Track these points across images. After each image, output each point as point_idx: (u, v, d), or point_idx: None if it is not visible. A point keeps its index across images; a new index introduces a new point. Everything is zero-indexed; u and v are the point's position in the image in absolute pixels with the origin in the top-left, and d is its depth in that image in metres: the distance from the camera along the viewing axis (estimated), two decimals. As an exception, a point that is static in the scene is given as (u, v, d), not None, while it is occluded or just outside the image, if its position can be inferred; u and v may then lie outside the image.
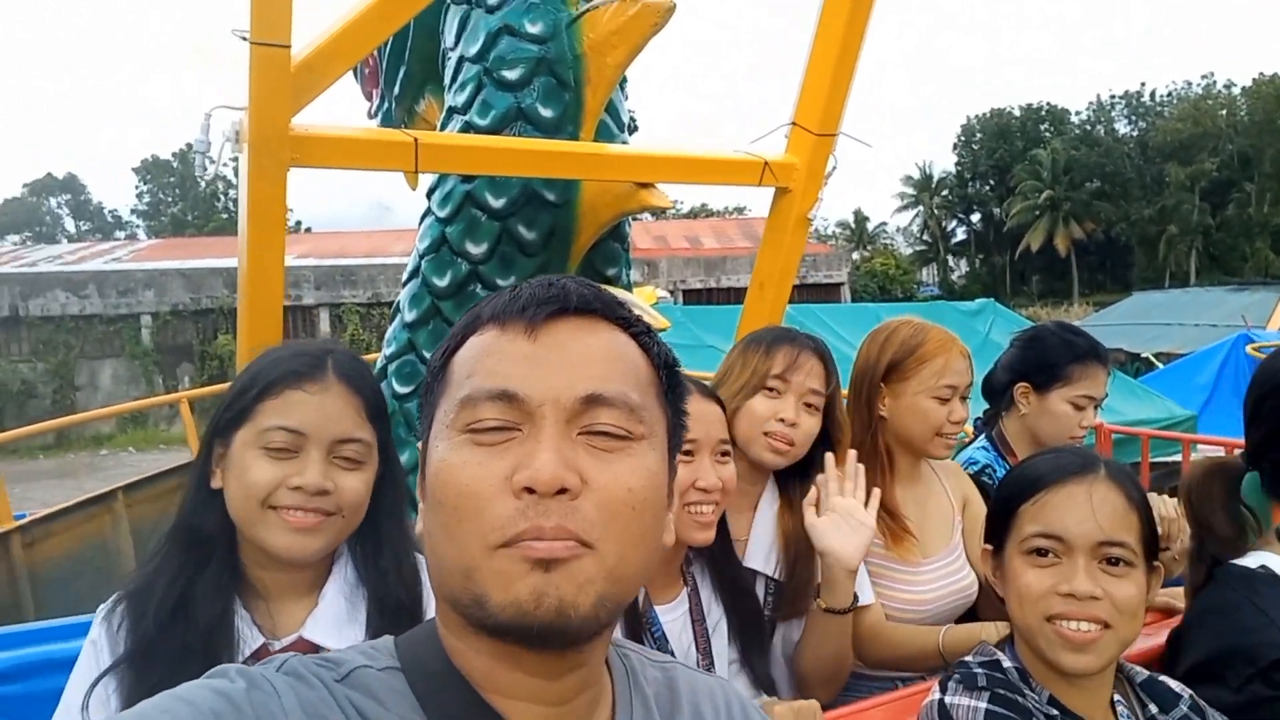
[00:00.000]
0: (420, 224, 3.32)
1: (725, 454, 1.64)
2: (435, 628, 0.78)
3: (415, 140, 2.37)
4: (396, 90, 3.62)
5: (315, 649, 1.26)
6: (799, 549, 1.82)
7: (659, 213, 3.17)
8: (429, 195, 3.23)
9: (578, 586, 0.69)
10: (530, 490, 0.69)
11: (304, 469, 1.25)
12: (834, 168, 3.00)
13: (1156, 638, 1.62)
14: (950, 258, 64.00)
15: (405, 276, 3.35)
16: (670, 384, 0.81)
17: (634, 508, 0.72)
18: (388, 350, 3.33)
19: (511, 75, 2.95)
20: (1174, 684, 1.33)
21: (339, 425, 1.28)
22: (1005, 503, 1.34)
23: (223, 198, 60.80)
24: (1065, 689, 1.25)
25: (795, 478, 1.89)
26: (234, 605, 1.27)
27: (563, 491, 0.69)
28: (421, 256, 3.23)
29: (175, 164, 60.40)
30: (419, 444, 0.81)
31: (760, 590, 1.84)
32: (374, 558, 1.34)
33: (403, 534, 1.38)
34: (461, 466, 0.71)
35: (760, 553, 1.87)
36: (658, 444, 0.77)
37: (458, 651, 0.75)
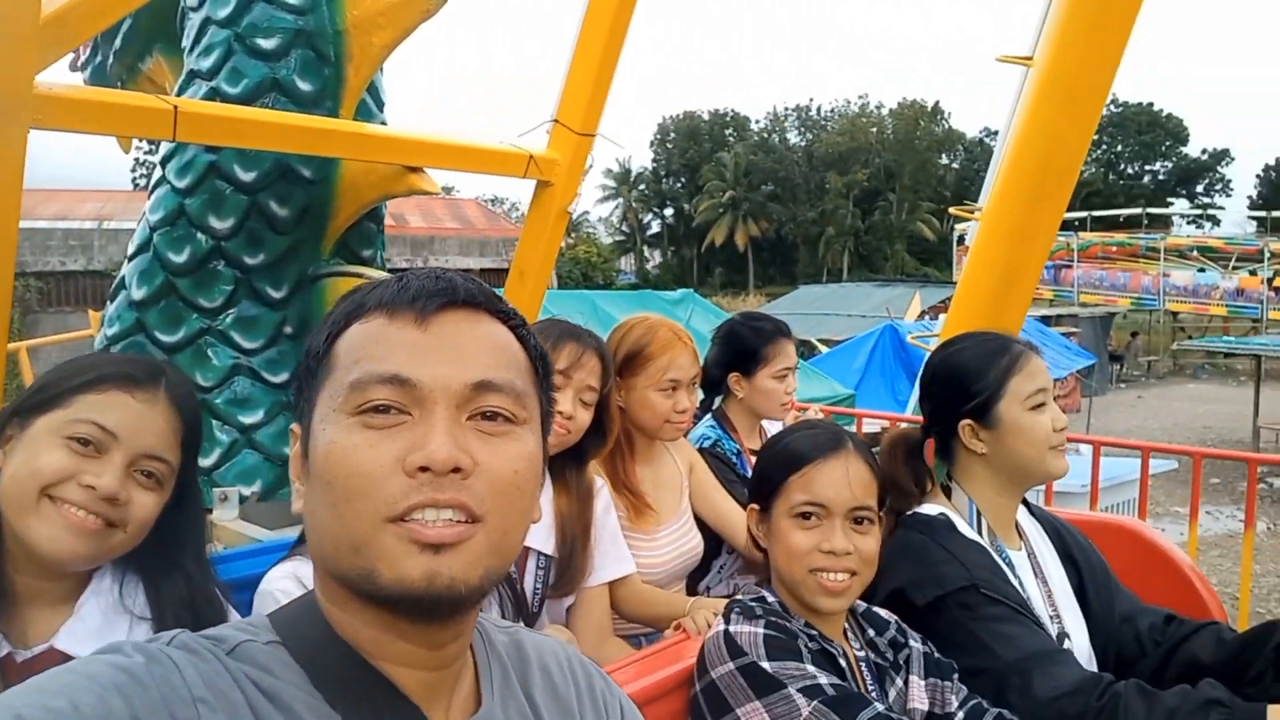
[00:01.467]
0: (151, 192, 3.06)
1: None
2: (314, 601, 0.81)
3: (175, 108, 2.22)
4: (118, 44, 3.29)
5: (67, 660, 1.15)
6: (573, 530, 1.98)
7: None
8: (163, 163, 2.99)
9: (467, 564, 0.73)
10: (424, 470, 0.72)
11: (102, 471, 1.19)
12: (590, 165, 3.20)
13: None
14: (646, 249, 67.44)
15: (132, 250, 3.07)
16: (544, 373, 0.87)
17: (519, 487, 0.77)
18: (109, 330, 3.04)
19: (267, 44, 2.83)
20: (883, 612, 1.64)
21: (153, 440, 1.23)
22: (772, 473, 1.58)
23: None
24: (815, 619, 1.53)
25: (570, 462, 2.03)
26: None
27: (455, 471, 0.73)
28: (153, 229, 2.99)
29: None
30: (293, 426, 0.83)
31: (533, 566, 1.95)
32: (165, 588, 1.28)
33: (204, 566, 1.34)
34: (353, 449, 0.73)
35: (539, 532, 1.98)
36: (535, 429, 0.82)
37: (342, 623, 0.77)
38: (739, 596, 1.57)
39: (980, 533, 1.76)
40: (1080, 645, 1.74)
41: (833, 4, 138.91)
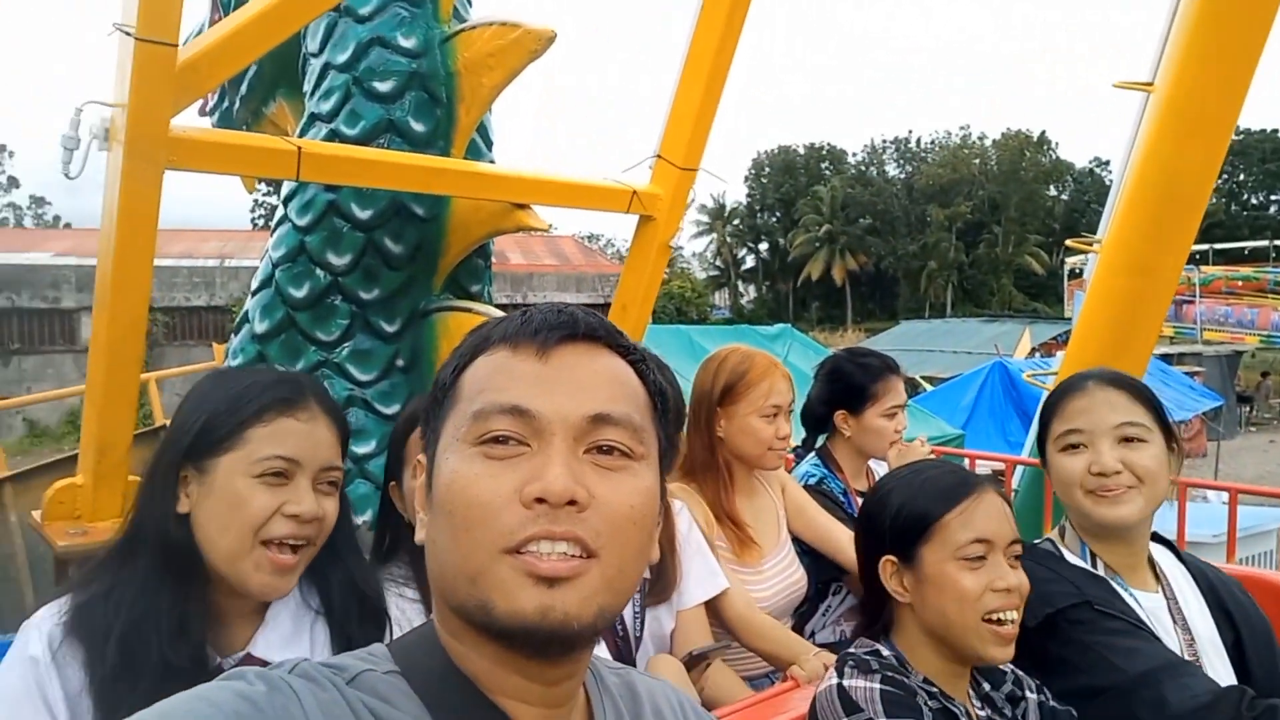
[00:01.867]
0: (274, 230, 3.19)
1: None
2: (433, 632, 0.81)
3: (299, 149, 2.32)
4: (244, 90, 3.46)
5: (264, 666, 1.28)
6: (664, 544, 1.96)
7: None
8: (285, 202, 3.11)
9: (581, 600, 0.72)
10: (541, 501, 0.72)
11: (299, 497, 1.26)
12: (693, 200, 3.20)
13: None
14: (740, 283, 67.34)
15: (255, 285, 3.20)
16: (662, 409, 0.86)
17: (635, 523, 0.77)
18: (233, 362, 3.17)
19: (383, 87, 2.93)
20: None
21: (326, 453, 1.30)
22: (918, 516, 1.47)
23: (-40, 183, 53.80)
24: (937, 674, 1.45)
25: None
26: (192, 621, 1.25)
27: (571, 504, 0.73)
28: (275, 265, 3.11)
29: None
30: (419, 457, 0.84)
31: None
32: (334, 577, 1.36)
33: (357, 551, 1.42)
34: (475, 478, 0.74)
35: None
36: (653, 465, 0.81)
37: (460, 654, 0.78)
38: (853, 650, 1.50)
39: (1094, 567, 1.68)
40: None
41: (931, 37, 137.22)
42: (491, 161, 3.20)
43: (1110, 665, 1.49)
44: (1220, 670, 1.62)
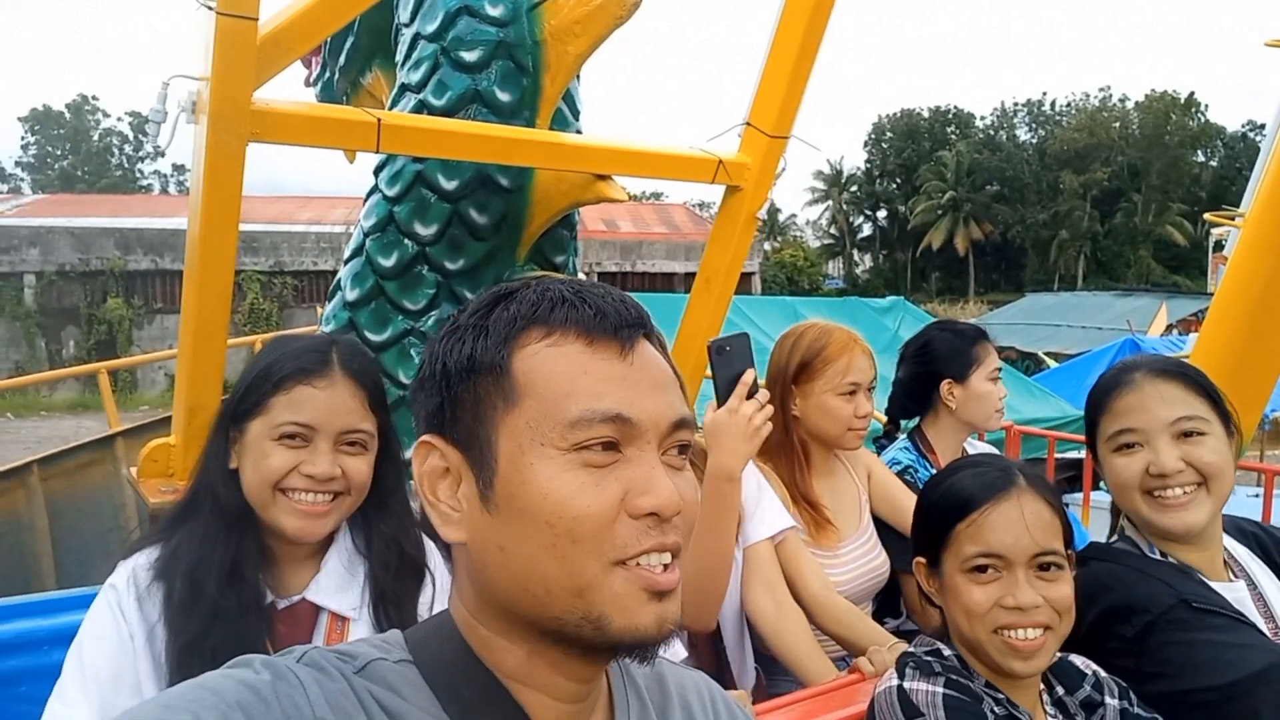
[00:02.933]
0: (365, 201, 3.25)
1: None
2: (450, 624, 0.79)
3: (379, 120, 2.33)
4: (342, 61, 3.53)
5: (316, 608, 1.41)
6: None
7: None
8: (376, 173, 3.16)
9: (679, 605, 0.74)
10: (652, 514, 0.72)
11: (315, 459, 1.36)
12: (783, 169, 3.08)
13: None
14: (855, 252, 65.70)
15: (347, 254, 3.28)
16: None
17: (691, 522, 0.77)
18: (326, 329, 3.26)
19: (470, 57, 2.92)
20: (1078, 661, 1.44)
21: (345, 419, 1.38)
22: (938, 521, 1.41)
23: (116, 153, 57.65)
24: (1003, 681, 1.35)
25: None
26: (247, 565, 1.39)
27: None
28: (366, 235, 3.17)
29: (67, 115, 56.84)
30: (427, 438, 0.77)
31: None
32: (378, 526, 1.46)
33: (406, 507, 1.50)
34: (580, 489, 0.71)
35: None
36: None
37: (485, 645, 0.77)
38: (913, 649, 1.42)
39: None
40: None
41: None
42: (579, 131, 3.17)
43: (1221, 665, 1.37)
44: None
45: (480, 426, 0.74)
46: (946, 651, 1.39)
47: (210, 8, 1.97)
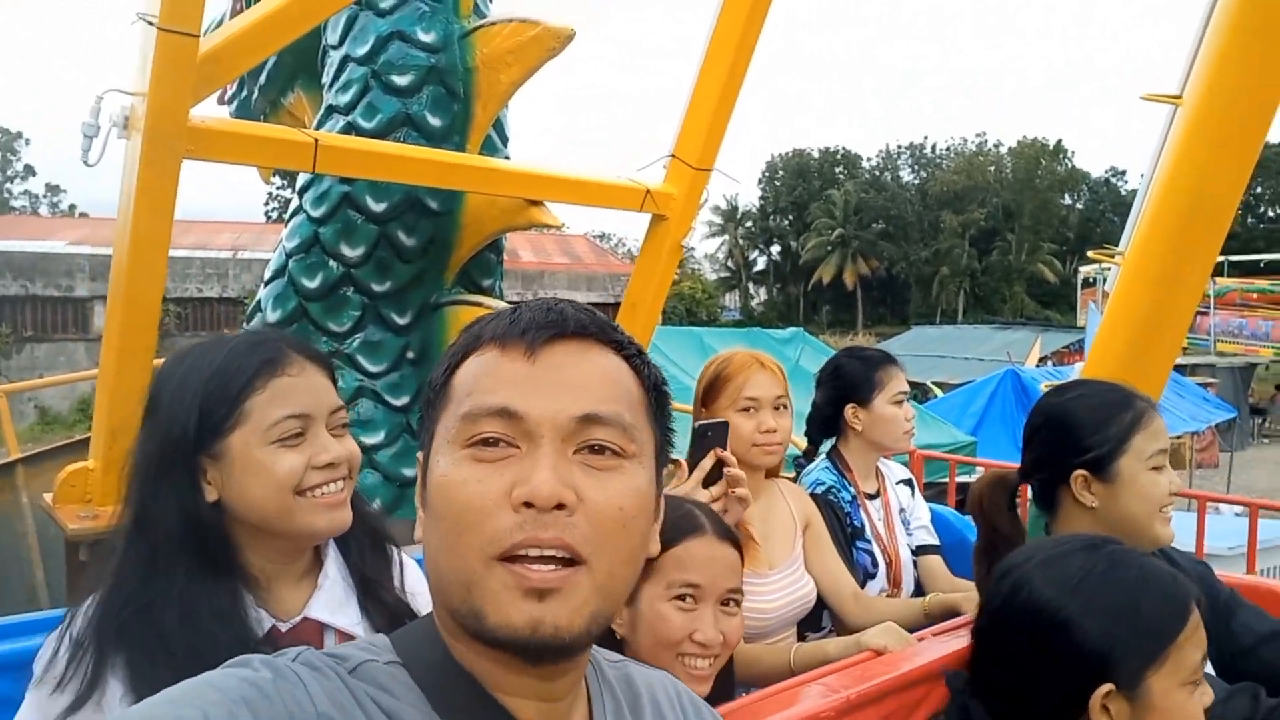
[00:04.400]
0: (288, 221, 3.21)
1: (731, 603, 1.56)
2: (433, 627, 0.81)
3: (315, 141, 2.33)
4: (263, 80, 3.48)
5: (320, 628, 1.32)
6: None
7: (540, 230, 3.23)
8: (301, 193, 3.13)
9: (572, 610, 0.72)
10: (529, 505, 0.72)
11: (324, 445, 1.27)
12: (706, 199, 3.20)
13: (961, 638, 1.73)
14: (751, 285, 67.25)
15: (268, 275, 3.22)
16: (659, 404, 0.85)
17: (624, 525, 0.76)
18: (245, 352, 3.19)
19: (401, 81, 2.94)
20: None
21: (329, 397, 1.31)
22: (1147, 640, 1.27)
23: (-17, 173, 54.14)
24: None
25: None
26: (243, 596, 1.28)
27: (560, 507, 0.72)
28: (289, 255, 3.13)
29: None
30: (419, 454, 0.83)
31: None
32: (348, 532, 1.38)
33: (360, 499, 1.42)
34: (463, 483, 0.74)
35: None
36: (647, 463, 0.81)
37: (460, 652, 0.78)
38: None
39: None
40: None
41: (945, 42, 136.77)
42: (507, 158, 3.22)
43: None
44: None
45: (429, 440, 0.80)
46: None
47: (151, 23, 1.95)
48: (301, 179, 3.11)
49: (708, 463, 1.76)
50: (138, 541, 1.25)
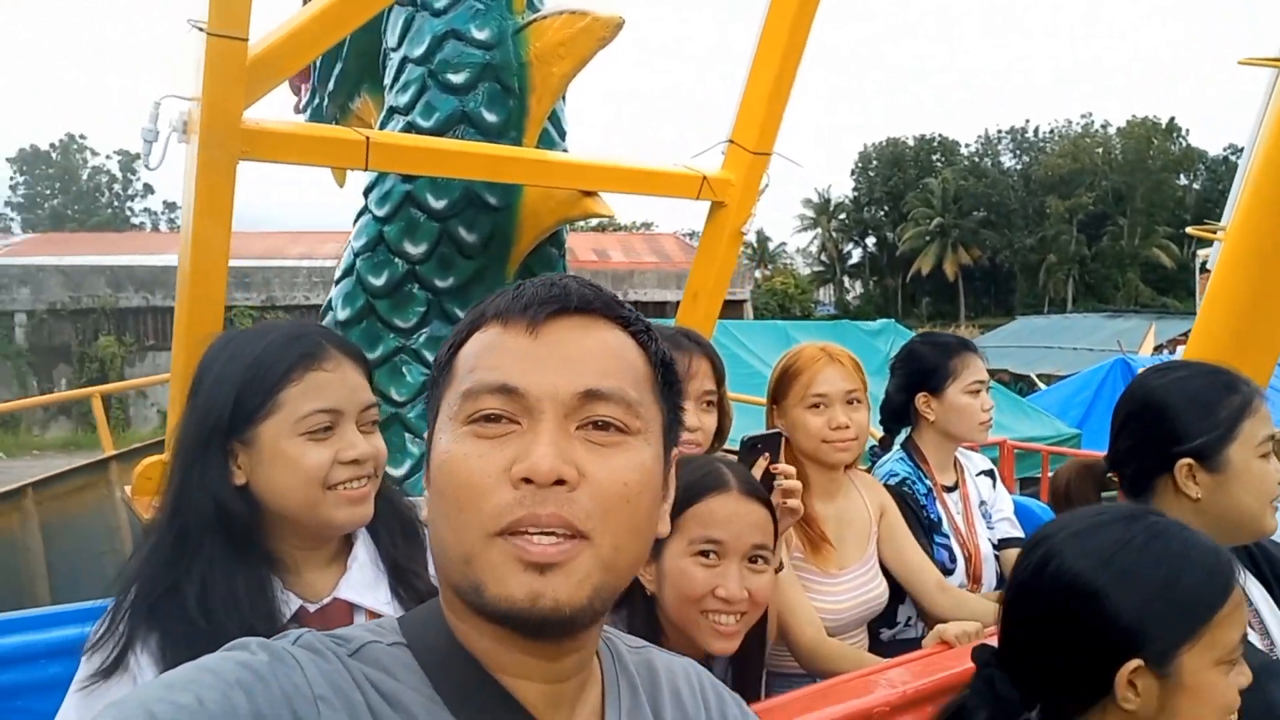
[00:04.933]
0: (355, 222, 3.29)
1: (758, 560, 1.54)
2: (439, 608, 0.81)
3: (367, 139, 2.38)
4: (331, 86, 3.58)
5: (350, 608, 1.33)
6: None
7: (596, 221, 3.26)
8: (366, 194, 3.21)
9: (575, 584, 0.72)
10: (528, 481, 0.71)
11: (351, 443, 1.29)
12: (767, 185, 3.14)
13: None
14: (846, 279, 66.06)
15: (338, 274, 3.31)
16: (666, 381, 0.83)
17: (629, 500, 0.75)
18: (318, 351, 3.29)
19: (457, 79, 2.98)
20: None
21: (362, 395, 1.33)
22: (1184, 616, 1.20)
23: (106, 191, 57.85)
24: None
25: None
26: (271, 581, 1.30)
27: (560, 484, 0.71)
28: (357, 255, 3.21)
29: (55, 154, 57.10)
30: (426, 435, 0.83)
31: None
32: (379, 505, 1.39)
33: (388, 481, 1.44)
34: (464, 458, 0.73)
35: None
36: (653, 439, 0.79)
37: (462, 632, 0.78)
38: None
39: None
40: None
41: (1050, 21, 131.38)
42: (565, 150, 3.23)
43: None
44: None
45: (433, 418, 0.80)
46: None
47: (201, 29, 2.02)
48: (366, 180, 3.18)
49: (756, 472, 1.72)
50: (171, 522, 1.29)
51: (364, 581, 1.35)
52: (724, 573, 1.49)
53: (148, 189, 58.61)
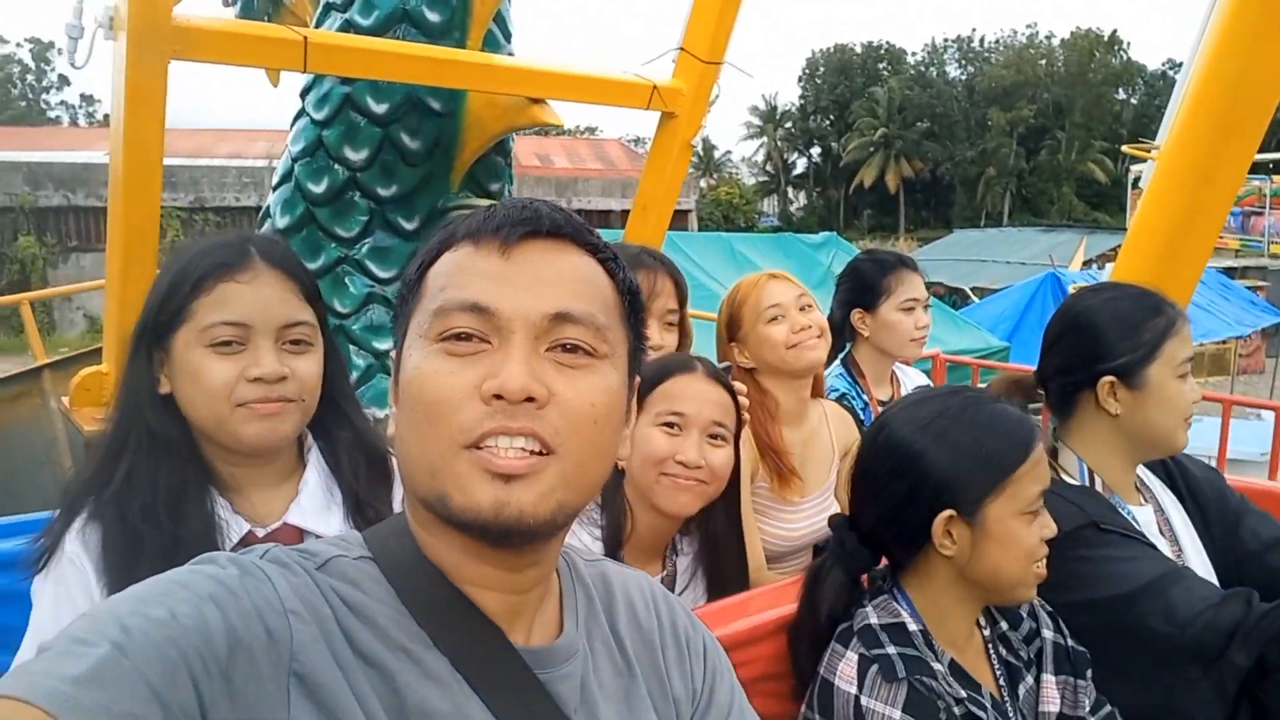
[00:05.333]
0: (292, 125, 3.18)
1: (717, 437, 1.63)
2: (405, 522, 0.83)
3: (305, 39, 2.28)
4: (263, -20, 3.41)
5: (300, 534, 1.30)
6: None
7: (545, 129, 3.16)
8: (303, 95, 3.09)
9: (538, 496, 0.73)
10: (499, 398, 0.72)
11: (258, 359, 1.24)
12: (717, 95, 3.10)
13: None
14: (790, 190, 65.93)
15: (276, 180, 3.21)
16: (632, 308, 0.85)
17: (595, 421, 0.76)
18: (256, 258, 3.20)
19: (397, -24, 2.85)
20: None
21: (281, 310, 1.27)
22: (988, 471, 1.33)
23: (18, 84, 54.38)
24: (955, 640, 1.38)
25: None
26: (213, 497, 1.27)
27: (529, 401, 0.73)
28: (295, 160, 3.11)
29: (-40, 43, 53.30)
30: (392, 352, 0.84)
31: None
32: (339, 434, 1.37)
33: (356, 404, 1.42)
34: (434, 374, 0.74)
35: None
36: (619, 364, 0.81)
37: (428, 544, 0.79)
38: (872, 621, 1.37)
39: (1093, 486, 1.67)
40: None
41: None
42: (510, 54, 3.13)
43: (1117, 577, 1.49)
44: (1203, 572, 1.62)
45: (402, 335, 0.81)
46: (912, 625, 1.35)
47: (125, -85, 1.90)
48: (303, 81, 3.06)
49: None
50: (115, 421, 1.28)
51: (314, 507, 1.33)
52: (684, 441, 1.60)
53: (63, 80, 55.10)
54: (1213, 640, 1.39)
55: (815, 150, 65.07)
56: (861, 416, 2.53)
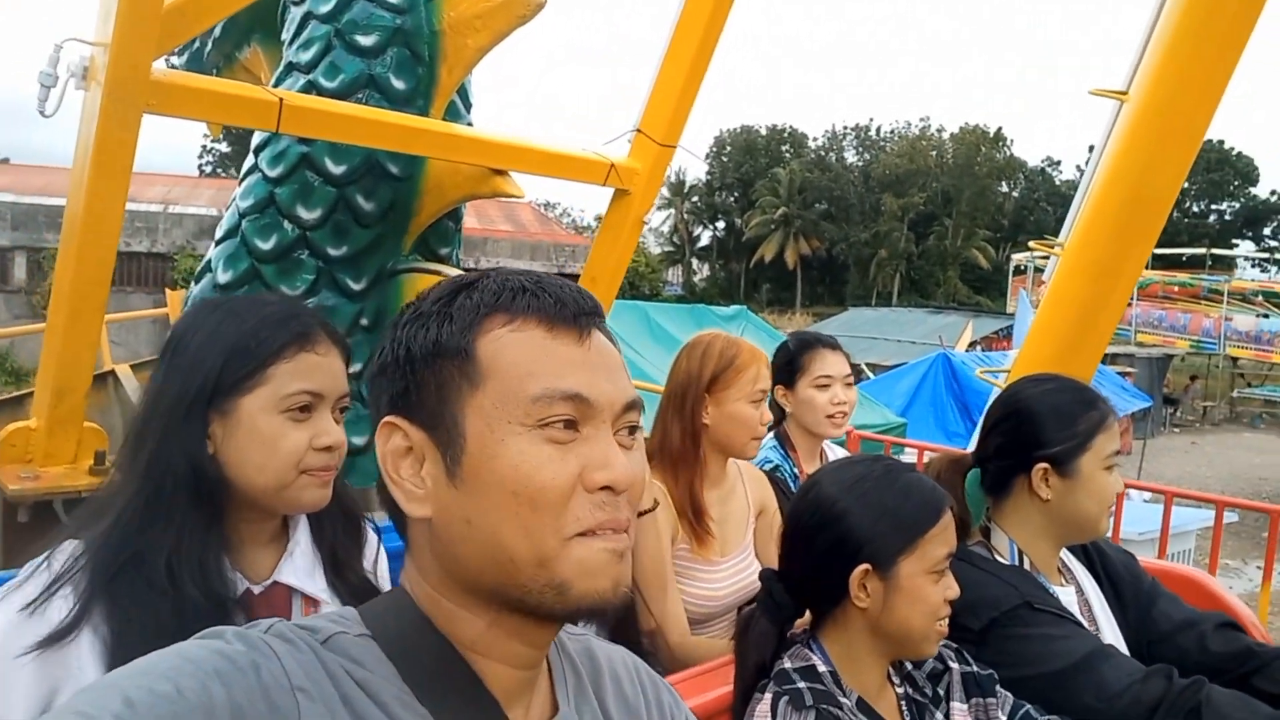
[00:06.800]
0: (242, 180, 3.13)
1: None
2: (405, 596, 0.82)
3: (280, 100, 2.28)
4: (217, 32, 3.37)
5: (289, 592, 1.33)
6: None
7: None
8: (256, 152, 3.06)
9: (629, 570, 0.79)
10: (606, 488, 0.76)
11: (327, 429, 1.29)
12: (667, 178, 3.21)
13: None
14: (695, 261, 67.44)
15: (220, 234, 3.14)
16: None
17: (640, 496, 0.83)
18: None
19: (365, 41, 2.88)
20: None
21: (342, 384, 1.33)
22: (905, 529, 1.45)
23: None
24: (868, 683, 1.47)
25: None
26: (222, 556, 1.28)
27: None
28: (243, 215, 3.05)
29: None
30: (392, 419, 0.80)
31: None
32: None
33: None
34: (544, 462, 0.75)
35: None
36: None
37: (451, 619, 0.79)
38: (786, 665, 1.47)
39: (1021, 565, 1.78)
40: None
41: (898, 27, 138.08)
42: (470, 124, 3.18)
43: (1053, 655, 1.58)
44: (1123, 649, 1.73)
45: (446, 407, 0.78)
46: (821, 667, 1.45)
47: (115, -30, 1.88)
48: (258, 137, 3.03)
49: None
50: (142, 487, 1.24)
51: (304, 567, 1.35)
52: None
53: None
54: (1139, 714, 1.50)
55: (719, 224, 66.92)
56: (792, 486, 2.61)
